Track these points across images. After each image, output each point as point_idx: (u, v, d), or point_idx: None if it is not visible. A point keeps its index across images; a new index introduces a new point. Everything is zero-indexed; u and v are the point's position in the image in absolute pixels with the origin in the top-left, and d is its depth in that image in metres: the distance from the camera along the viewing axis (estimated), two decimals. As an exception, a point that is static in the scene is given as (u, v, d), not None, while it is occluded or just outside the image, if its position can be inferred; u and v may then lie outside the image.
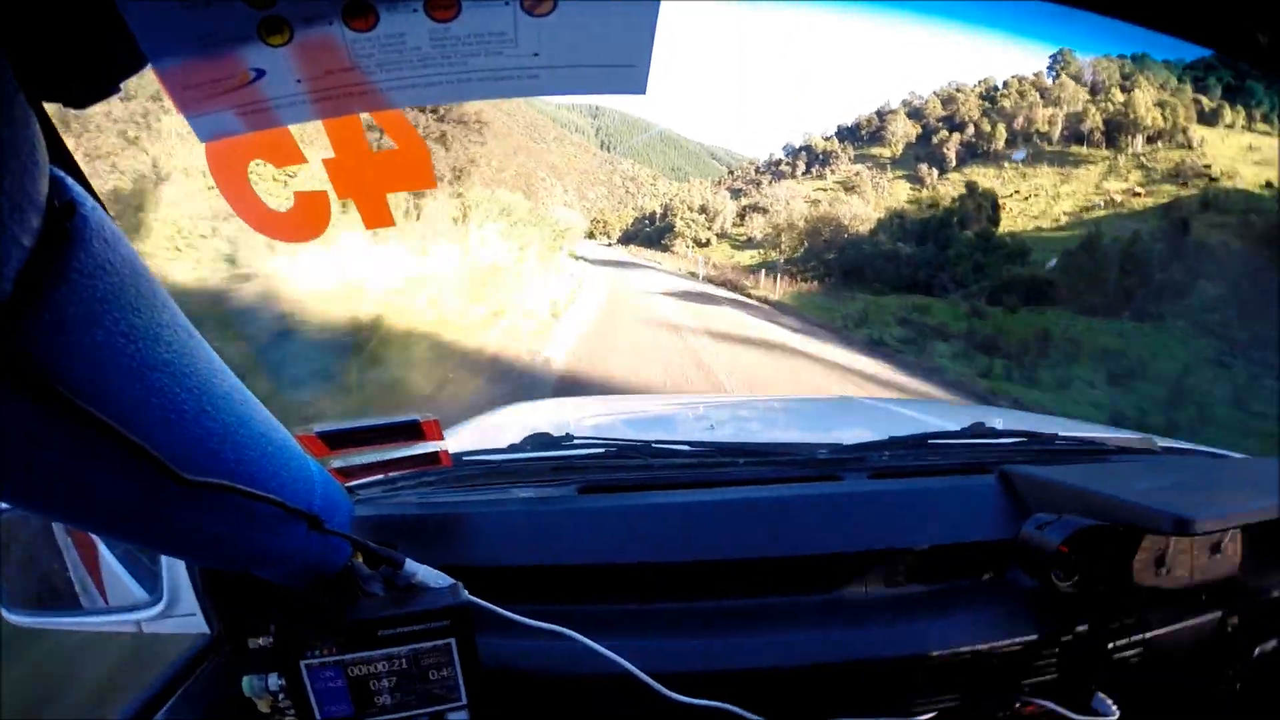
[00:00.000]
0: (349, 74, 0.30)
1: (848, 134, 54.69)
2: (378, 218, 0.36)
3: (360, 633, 0.67)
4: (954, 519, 0.82)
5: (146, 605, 0.73)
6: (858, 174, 47.17)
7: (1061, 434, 1.03)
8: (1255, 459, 1.07)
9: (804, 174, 55.99)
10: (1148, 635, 0.77)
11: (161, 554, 0.71)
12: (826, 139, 56.23)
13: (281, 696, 0.67)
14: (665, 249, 56.47)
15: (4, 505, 0.75)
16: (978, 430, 1.00)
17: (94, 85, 0.27)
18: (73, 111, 0.30)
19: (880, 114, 51.52)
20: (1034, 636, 0.76)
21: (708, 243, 54.57)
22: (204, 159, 0.34)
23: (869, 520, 0.80)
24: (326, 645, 0.66)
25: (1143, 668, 0.78)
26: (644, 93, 0.33)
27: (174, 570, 0.71)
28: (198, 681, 0.70)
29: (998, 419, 1.10)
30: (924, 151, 43.60)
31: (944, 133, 42.83)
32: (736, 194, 59.93)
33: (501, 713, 0.71)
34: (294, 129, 0.34)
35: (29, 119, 0.23)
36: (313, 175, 0.40)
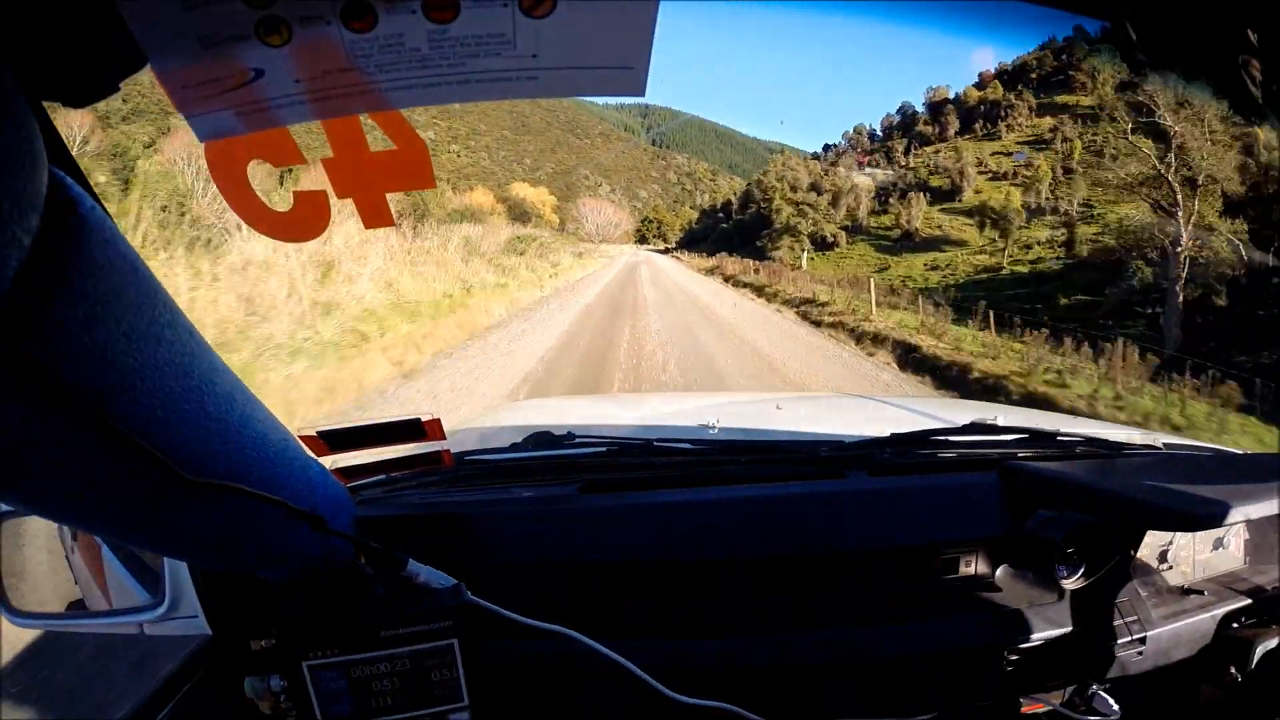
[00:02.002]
0: (347, 74, 0.30)
1: (1013, 78, 38.90)
2: (377, 217, 0.36)
3: (362, 634, 0.67)
4: (956, 516, 0.82)
5: (149, 607, 0.73)
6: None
7: (1063, 430, 1.02)
8: (1258, 455, 1.07)
9: (960, 134, 38.68)
10: (1150, 632, 0.77)
11: (163, 555, 0.71)
12: (979, 88, 39.90)
13: (283, 698, 0.67)
14: (761, 254, 35.93)
15: (6, 507, 0.75)
16: (979, 426, 1.00)
17: (93, 84, 0.27)
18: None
19: (1054, 51, 36.42)
20: (1037, 634, 0.76)
21: (833, 242, 35.75)
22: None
23: (871, 518, 0.80)
24: (328, 647, 0.67)
25: (1145, 665, 0.78)
26: (643, 94, 0.33)
27: (176, 572, 0.71)
28: (199, 683, 0.70)
29: (999, 415, 1.10)
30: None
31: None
32: (862, 169, 41.48)
33: (503, 713, 0.72)
34: (293, 129, 0.34)
35: (28, 118, 0.23)
36: (312, 175, 0.40)
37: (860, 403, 1.96)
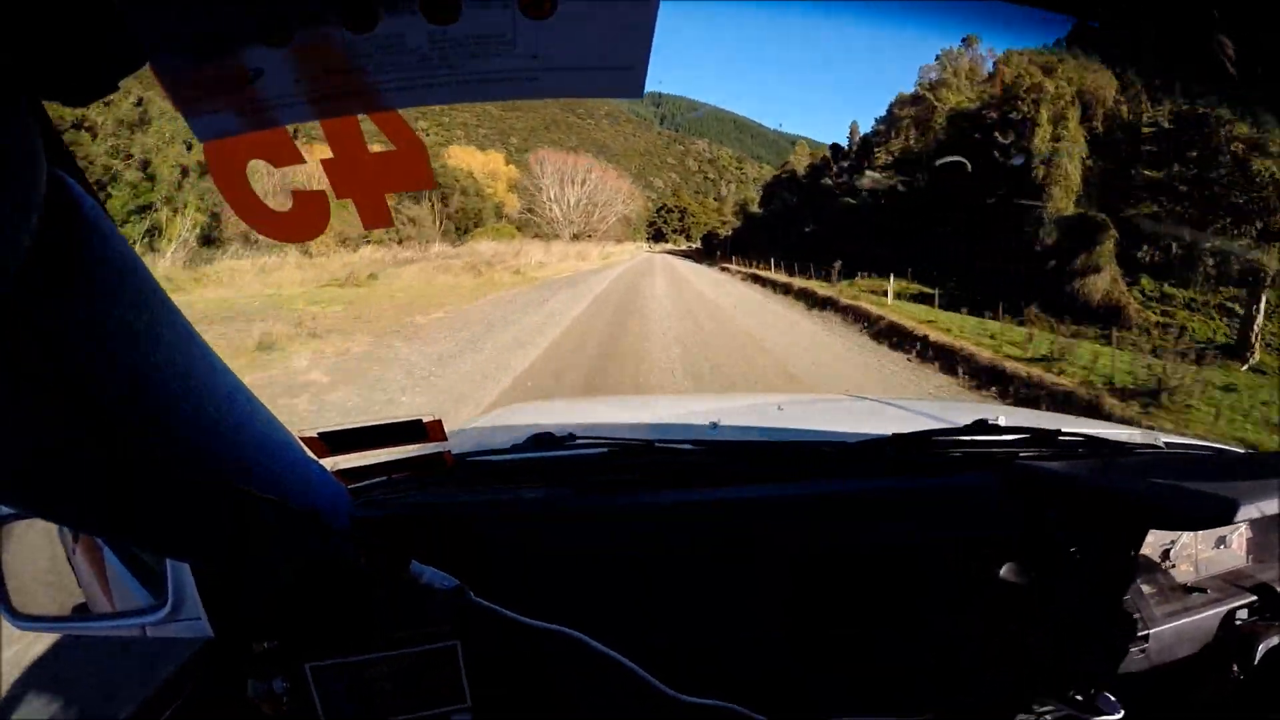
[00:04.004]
0: (348, 75, 0.31)
1: None
2: (376, 218, 0.36)
3: (364, 635, 0.67)
4: (959, 516, 0.82)
5: (151, 610, 0.74)
6: None
7: (1065, 430, 1.02)
8: (1260, 454, 1.07)
9: None
10: (1152, 630, 0.77)
11: (165, 556, 0.71)
12: None
13: (286, 700, 0.67)
14: (1058, 295, 14.05)
15: (8, 510, 0.75)
16: (981, 427, 1.00)
17: (93, 84, 0.27)
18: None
19: None
20: (1040, 634, 0.76)
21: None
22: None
23: (873, 518, 0.80)
24: (331, 648, 0.67)
25: (1147, 663, 0.78)
26: (641, 95, 0.33)
27: (179, 574, 0.71)
28: (202, 685, 0.70)
29: (1000, 415, 1.10)
30: None
31: None
32: (868, 169, 25.30)
33: (505, 713, 0.72)
34: (293, 129, 0.34)
35: (28, 118, 0.23)
36: (311, 175, 0.40)
37: (862, 404, 1.96)
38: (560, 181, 40.98)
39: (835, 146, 31.50)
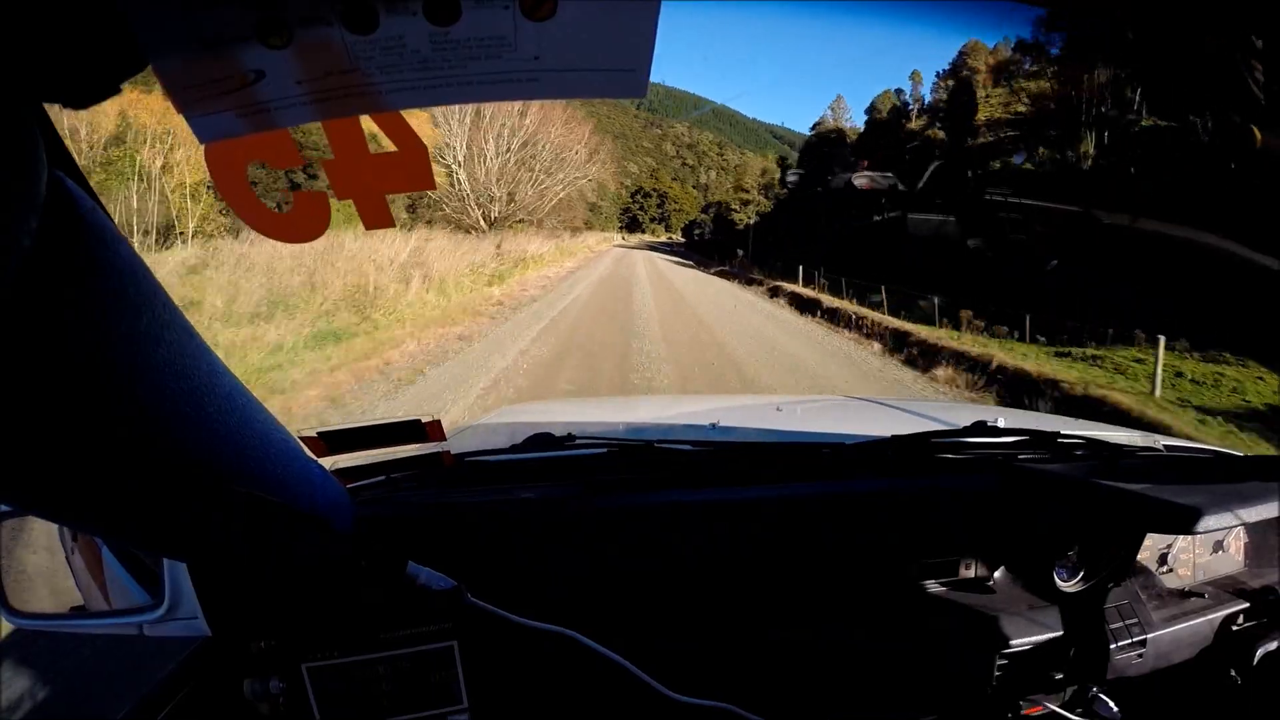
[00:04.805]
0: (349, 76, 0.30)
1: None
2: (377, 219, 0.36)
3: (362, 635, 0.67)
4: (957, 518, 0.82)
5: (148, 608, 0.73)
6: None
7: (1064, 432, 1.02)
8: (1258, 457, 1.07)
9: None
10: (1150, 635, 0.77)
11: (162, 556, 0.71)
12: None
13: (282, 700, 0.67)
14: None
15: (7, 507, 0.75)
16: (981, 429, 1.00)
17: (94, 86, 0.27)
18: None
19: None
20: (1036, 637, 0.76)
21: None
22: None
23: (872, 519, 0.80)
24: (328, 648, 0.67)
25: (1145, 668, 0.78)
26: (644, 95, 0.33)
27: (176, 573, 0.71)
28: (198, 685, 0.69)
29: (1000, 417, 1.10)
30: None
31: None
32: (860, 168, 22.09)
33: (503, 714, 0.71)
34: (293, 131, 0.34)
35: (29, 120, 0.23)
36: (312, 177, 0.40)
37: (861, 405, 1.96)
38: (474, 132, 21.63)
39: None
